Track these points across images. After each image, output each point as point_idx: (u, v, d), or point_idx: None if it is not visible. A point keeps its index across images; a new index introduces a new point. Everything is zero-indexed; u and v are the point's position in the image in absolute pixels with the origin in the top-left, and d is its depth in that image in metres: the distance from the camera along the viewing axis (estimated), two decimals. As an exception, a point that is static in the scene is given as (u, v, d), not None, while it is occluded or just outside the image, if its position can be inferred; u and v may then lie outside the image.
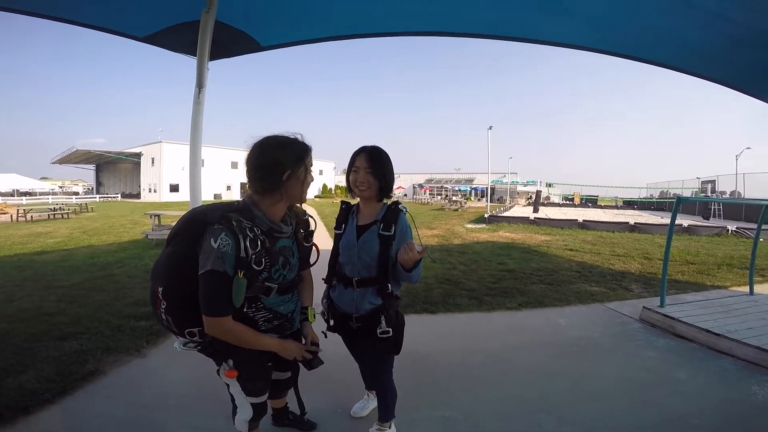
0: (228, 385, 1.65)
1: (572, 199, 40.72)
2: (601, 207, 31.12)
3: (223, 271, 1.33)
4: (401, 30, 3.41)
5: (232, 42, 3.22)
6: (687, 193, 27.29)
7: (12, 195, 43.11)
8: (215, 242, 1.33)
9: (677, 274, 6.48)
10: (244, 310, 1.48)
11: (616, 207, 31.51)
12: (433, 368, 3.03)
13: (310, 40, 3.47)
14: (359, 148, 1.89)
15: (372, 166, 1.83)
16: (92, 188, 59.85)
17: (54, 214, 18.34)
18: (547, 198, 38.89)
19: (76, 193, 55.04)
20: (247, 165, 1.49)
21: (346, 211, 1.99)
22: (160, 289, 1.42)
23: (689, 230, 12.75)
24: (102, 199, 43.18)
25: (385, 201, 1.93)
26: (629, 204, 34.33)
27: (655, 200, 31.21)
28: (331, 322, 2.00)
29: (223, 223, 1.37)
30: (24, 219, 16.82)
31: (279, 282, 1.55)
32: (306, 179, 1.54)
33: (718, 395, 2.74)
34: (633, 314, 4.31)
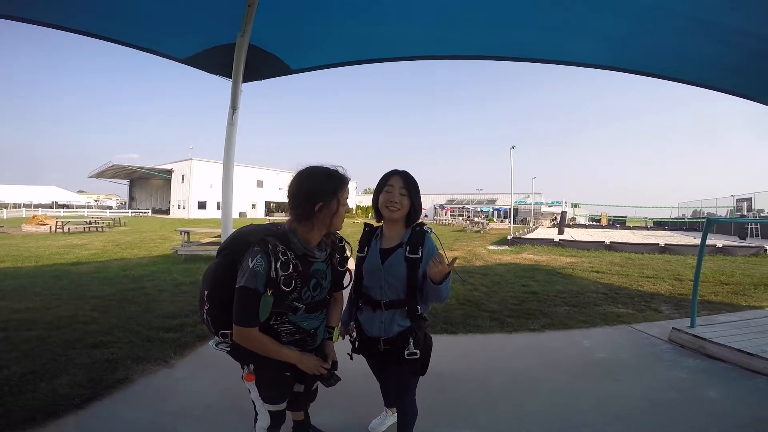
0: (249, 391, 1.75)
1: (599, 220, 39.73)
2: (629, 228, 30.09)
3: (254, 288, 1.46)
4: (429, 54, 3.47)
5: (263, 65, 3.35)
6: (722, 212, 26.28)
7: (51, 207, 45.38)
8: (251, 262, 1.47)
9: (710, 295, 6.24)
10: (270, 322, 1.58)
11: (646, 228, 30.59)
12: (453, 387, 3.01)
13: (338, 63, 3.58)
14: (391, 171, 1.92)
15: (407, 187, 1.86)
16: (125, 203, 62.38)
17: (89, 227, 19.26)
18: (573, 219, 38.12)
19: (110, 207, 57.38)
20: (287, 193, 1.63)
21: (369, 233, 1.98)
22: (206, 292, 1.60)
23: (724, 251, 12.27)
24: (134, 214, 44.99)
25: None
26: (660, 225, 33.29)
27: (687, 220, 30.13)
28: (356, 344, 1.99)
29: (261, 245, 1.50)
30: (62, 231, 17.71)
31: (307, 302, 1.64)
32: (338, 211, 1.63)
33: (750, 414, 2.66)
34: (662, 335, 4.17)
